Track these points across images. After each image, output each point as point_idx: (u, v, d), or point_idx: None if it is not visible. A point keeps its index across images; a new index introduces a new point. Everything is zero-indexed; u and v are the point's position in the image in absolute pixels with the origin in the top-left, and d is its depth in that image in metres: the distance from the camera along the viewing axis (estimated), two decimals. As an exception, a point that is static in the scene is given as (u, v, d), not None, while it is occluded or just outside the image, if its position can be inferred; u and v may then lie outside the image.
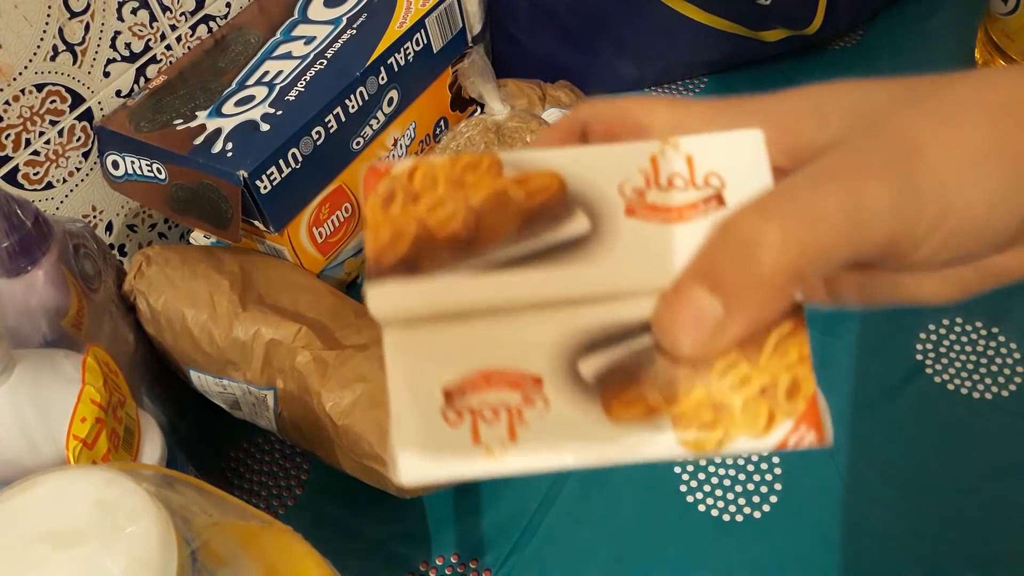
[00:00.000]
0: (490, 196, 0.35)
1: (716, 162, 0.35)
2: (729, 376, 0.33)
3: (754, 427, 0.33)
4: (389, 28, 0.88)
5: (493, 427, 0.33)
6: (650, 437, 0.33)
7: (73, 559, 0.38)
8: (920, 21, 1.07)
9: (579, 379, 0.33)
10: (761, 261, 0.31)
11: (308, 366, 0.72)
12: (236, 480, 0.85)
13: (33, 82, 0.82)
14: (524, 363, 0.34)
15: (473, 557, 0.75)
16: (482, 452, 0.32)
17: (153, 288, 0.77)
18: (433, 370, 0.33)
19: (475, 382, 0.33)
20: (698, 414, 0.33)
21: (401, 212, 0.34)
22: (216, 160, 0.78)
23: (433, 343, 0.34)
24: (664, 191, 0.34)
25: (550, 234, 0.34)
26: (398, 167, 0.35)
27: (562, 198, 0.35)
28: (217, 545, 0.43)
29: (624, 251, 0.34)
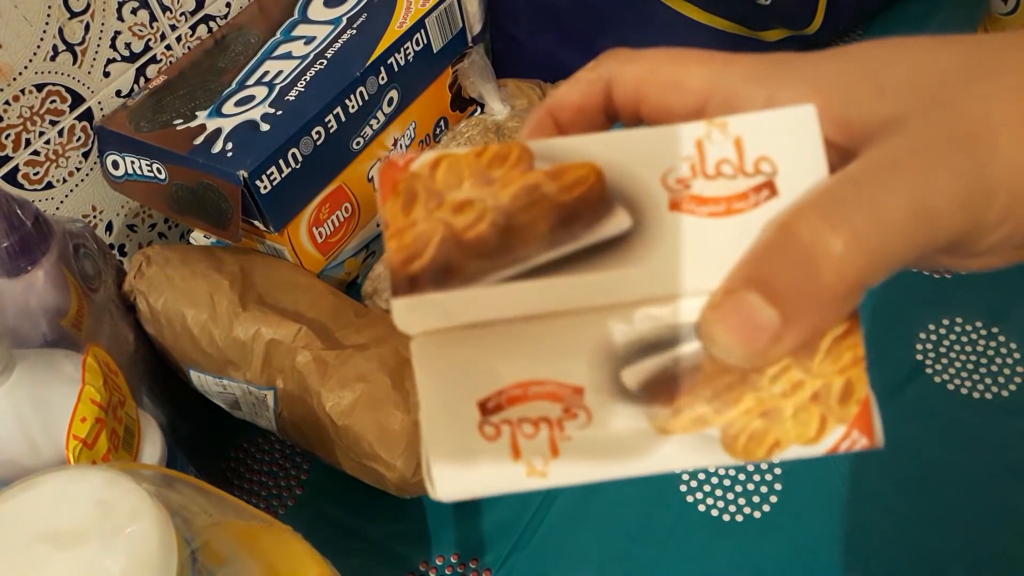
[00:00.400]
0: (521, 193, 0.32)
1: (767, 145, 0.32)
2: (780, 382, 0.31)
3: (805, 434, 0.31)
4: (389, 28, 0.88)
5: (533, 441, 0.31)
6: (699, 447, 0.31)
7: (73, 559, 0.38)
8: (920, 21, 1.07)
9: (623, 389, 0.32)
10: (824, 274, 0.29)
11: (308, 366, 0.72)
12: (236, 480, 0.85)
13: (33, 82, 0.82)
14: (564, 373, 0.32)
15: (473, 557, 0.75)
16: (524, 468, 0.31)
17: (153, 288, 0.77)
18: (467, 382, 0.32)
19: (512, 394, 0.32)
20: (748, 423, 0.31)
21: (424, 215, 0.31)
22: (216, 160, 0.78)
23: (465, 353, 0.32)
24: (711, 180, 0.32)
25: (588, 234, 0.32)
26: (418, 163, 0.31)
27: (600, 192, 0.32)
28: (217, 545, 0.43)
29: (669, 250, 0.32)
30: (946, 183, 0.29)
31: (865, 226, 0.28)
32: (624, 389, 0.32)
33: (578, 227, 0.31)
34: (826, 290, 0.29)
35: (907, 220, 0.29)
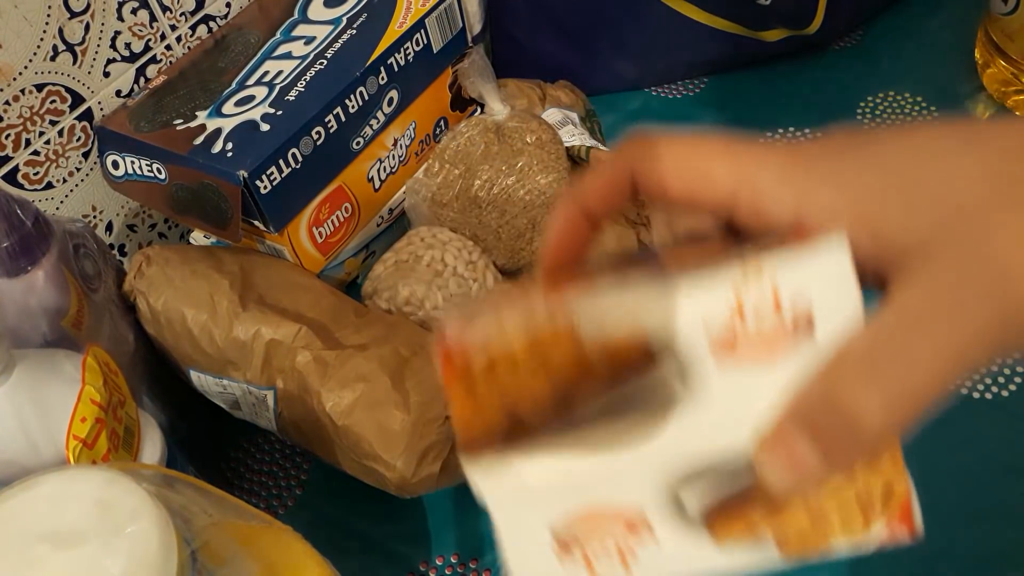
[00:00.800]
0: (574, 372, 0.34)
1: (802, 285, 0.33)
2: (823, 490, 0.34)
3: (851, 531, 0.34)
4: (389, 28, 0.88)
5: (606, 564, 0.34)
6: (754, 553, 0.34)
7: (73, 559, 0.38)
8: (920, 21, 1.07)
9: (682, 507, 0.34)
10: (863, 429, 0.31)
11: (308, 366, 0.72)
12: (236, 480, 0.85)
13: (33, 82, 0.82)
14: (627, 497, 0.34)
15: (473, 557, 0.75)
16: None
17: (153, 288, 0.77)
18: (539, 513, 0.34)
19: (582, 523, 0.34)
20: (797, 526, 0.34)
21: (486, 398, 0.34)
22: (216, 160, 0.78)
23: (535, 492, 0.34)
24: (751, 324, 0.33)
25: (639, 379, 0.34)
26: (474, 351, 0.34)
27: (647, 358, 0.34)
28: (217, 545, 0.43)
29: (715, 399, 0.33)
30: (979, 329, 0.31)
31: (900, 385, 0.31)
32: (683, 508, 0.34)
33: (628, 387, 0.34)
34: (864, 439, 0.31)
35: (942, 370, 0.31)
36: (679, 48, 1.06)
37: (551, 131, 0.83)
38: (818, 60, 1.07)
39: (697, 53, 1.07)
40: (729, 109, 1.05)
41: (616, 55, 1.06)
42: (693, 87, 1.09)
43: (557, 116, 0.93)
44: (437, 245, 0.81)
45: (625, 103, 1.09)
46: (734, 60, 1.08)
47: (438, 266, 0.80)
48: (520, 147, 0.81)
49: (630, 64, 1.07)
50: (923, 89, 1.00)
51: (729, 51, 1.06)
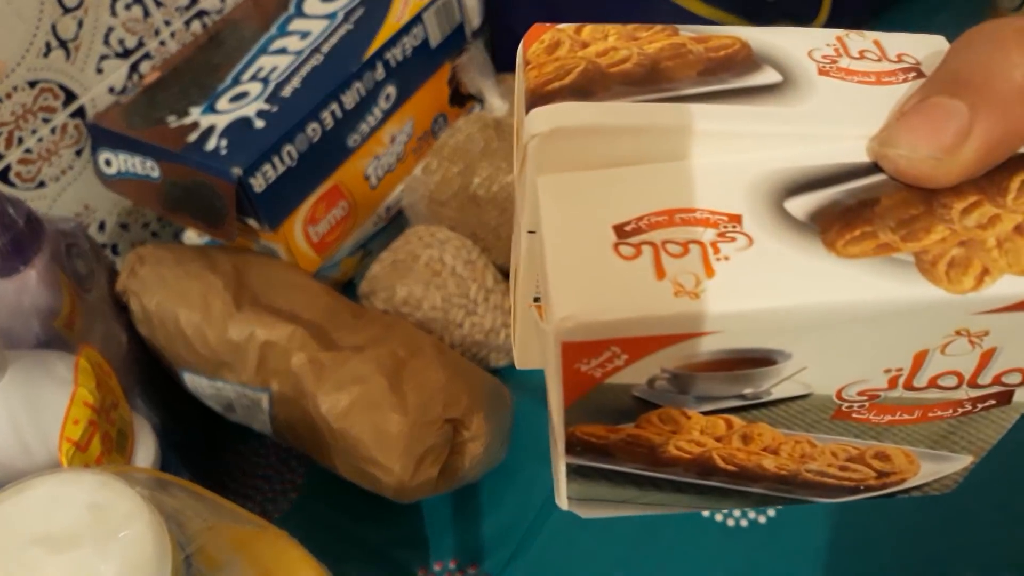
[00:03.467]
0: (667, 47, 0.30)
1: (905, 47, 0.31)
2: (973, 215, 0.28)
3: (1018, 264, 0.27)
4: (386, 23, 0.88)
5: (682, 260, 0.26)
6: (888, 272, 0.27)
7: (66, 563, 0.37)
8: (926, 17, 1.07)
9: (788, 216, 0.28)
10: (1009, 52, 0.27)
11: (303, 368, 0.71)
12: (231, 483, 0.84)
13: (26, 79, 0.81)
14: (717, 202, 0.28)
15: (472, 562, 0.75)
16: (670, 288, 0.26)
17: (146, 288, 0.76)
18: (601, 210, 0.28)
19: (655, 220, 0.27)
20: (946, 250, 0.27)
21: (568, 53, 0.30)
22: (210, 158, 0.77)
23: (600, 185, 0.28)
24: (857, 60, 0.31)
25: (737, 80, 0.30)
26: (563, 25, 0.31)
27: (747, 54, 0.31)
28: (212, 549, 0.43)
29: (823, 100, 0.30)
30: None
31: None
32: (790, 218, 0.28)
33: (727, 75, 0.30)
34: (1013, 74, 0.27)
35: None
36: (682, 44, 1.05)
37: (551, 128, 0.82)
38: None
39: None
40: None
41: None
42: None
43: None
44: (435, 244, 0.81)
45: (625, 100, 1.08)
46: (737, 57, 1.07)
47: (436, 265, 0.80)
48: (520, 144, 0.81)
49: (631, 59, 1.07)
50: (927, 86, 1.00)
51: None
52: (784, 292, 0.26)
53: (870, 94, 0.30)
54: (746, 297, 0.26)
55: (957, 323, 0.28)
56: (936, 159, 0.27)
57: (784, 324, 0.27)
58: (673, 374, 0.28)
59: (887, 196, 0.28)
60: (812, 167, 0.29)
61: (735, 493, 0.35)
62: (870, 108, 0.29)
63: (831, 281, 0.26)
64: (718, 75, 0.30)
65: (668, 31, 0.31)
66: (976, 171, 0.28)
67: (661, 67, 0.30)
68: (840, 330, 0.27)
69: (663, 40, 0.31)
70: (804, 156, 0.29)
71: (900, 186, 0.28)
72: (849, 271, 0.27)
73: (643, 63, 0.30)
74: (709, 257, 0.27)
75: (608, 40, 0.31)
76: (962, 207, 0.28)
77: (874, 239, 0.27)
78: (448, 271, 0.80)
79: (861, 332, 0.28)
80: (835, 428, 0.32)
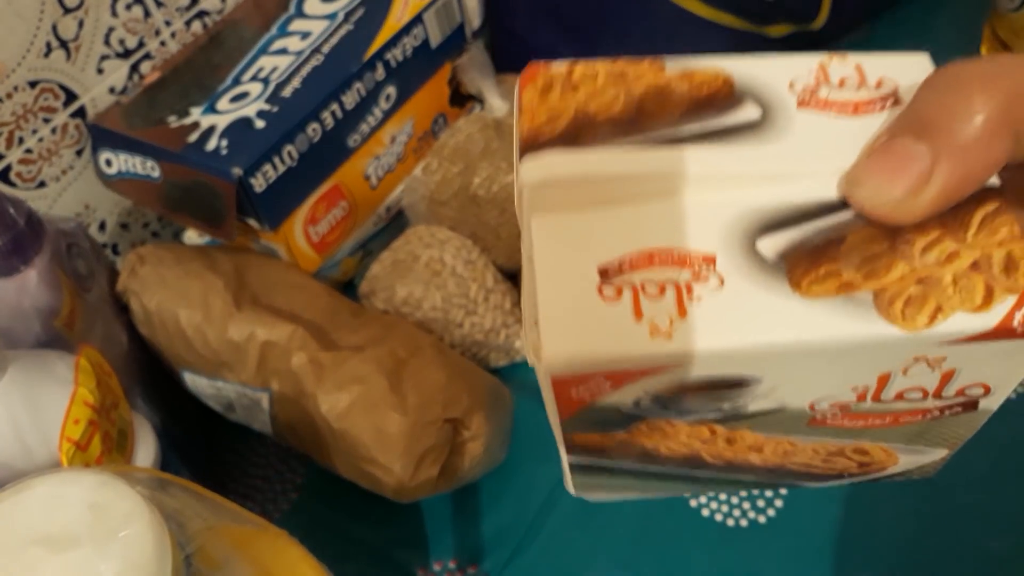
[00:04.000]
0: (651, 88, 0.33)
1: (887, 71, 0.33)
2: (933, 252, 0.29)
3: (969, 301, 0.29)
4: (386, 23, 0.88)
5: (658, 302, 0.29)
6: (848, 312, 0.29)
7: (66, 563, 0.37)
8: (926, 17, 1.07)
9: (758, 256, 0.30)
10: (970, 95, 0.29)
11: (304, 368, 0.71)
12: (231, 483, 0.84)
13: (26, 79, 0.81)
14: (693, 242, 0.30)
15: (472, 562, 0.75)
16: (646, 329, 0.29)
17: (146, 288, 0.76)
18: (588, 252, 0.30)
19: (636, 260, 0.30)
20: (903, 288, 0.29)
21: (559, 99, 0.33)
22: (210, 158, 0.77)
23: (588, 226, 0.31)
24: (837, 89, 0.32)
25: (717, 119, 0.32)
26: (557, 65, 0.33)
27: (729, 90, 0.33)
28: (212, 549, 0.43)
29: (799, 136, 0.32)
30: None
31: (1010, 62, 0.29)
32: (760, 257, 0.30)
33: (708, 114, 0.32)
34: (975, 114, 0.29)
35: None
36: (681, 43, 1.05)
37: (551, 128, 0.82)
38: (822, 56, 1.07)
39: (700, 48, 1.04)
40: (731, 106, 1.05)
41: (617, 50, 1.04)
42: (694, 85, 1.09)
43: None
44: (435, 244, 0.81)
45: (625, 100, 1.08)
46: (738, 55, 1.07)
47: (436, 265, 0.80)
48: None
49: (632, 59, 1.06)
50: (928, 86, 1.00)
51: (732, 46, 1.05)
52: (747, 332, 0.29)
53: (846, 127, 0.32)
54: (712, 337, 0.29)
55: (915, 352, 0.30)
56: (898, 201, 0.29)
57: (748, 359, 0.29)
58: (654, 396, 0.31)
59: (854, 232, 0.30)
60: (786, 205, 0.31)
61: (728, 480, 0.38)
62: (845, 143, 0.31)
63: (792, 321, 0.29)
64: (700, 115, 0.32)
65: (655, 67, 0.33)
66: (937, 211, 0.29)
67: (646, 110, 0.32)
68: (803, 362, 0.30)
69: (649, 79, 0.33)
70: (779, 194, 0.31)
71: (866, 223, 0.30)
72: (810, 311, 0.29)
73: (629, 107, 0.32)
74: (683, 299, 0.29)
75: (597, 81, 0.33)
76: (923, 244, 0.30)
77: (837, 278, 0.29)
78: (448, 271, 0.79)
79: (823, 363, 0.30)
80: (813, 431, 0.34)
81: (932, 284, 0.29)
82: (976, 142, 0.29)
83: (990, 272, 0.29)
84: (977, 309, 0.29)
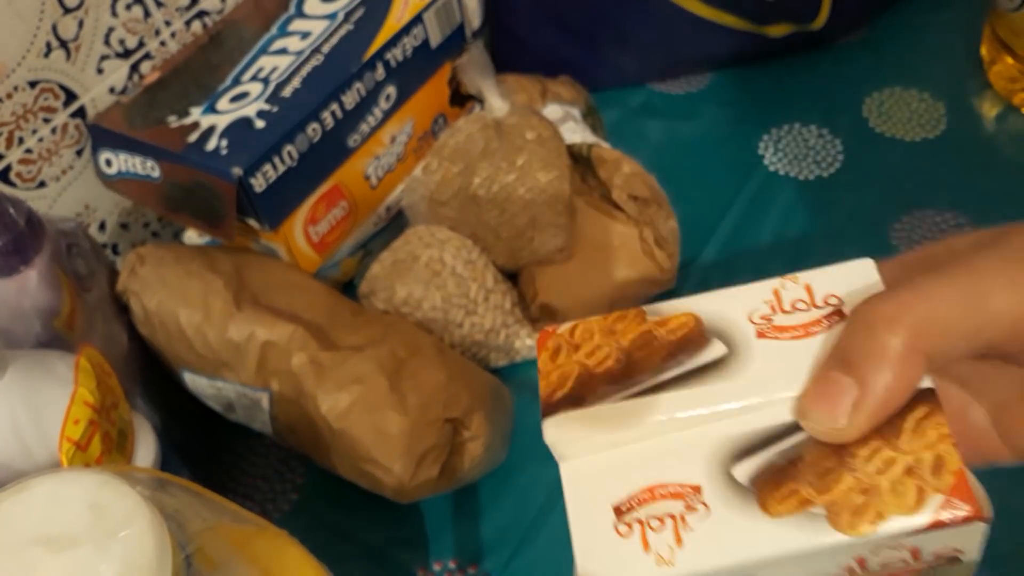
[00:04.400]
0: (637, 337, 0.40)
1: (833, 287, 0.39)
2: (874, 461, 0.35)
3: (904, 505, 0.34)
4: (386, 23, 0.88)
5: (661, 535, 0.36)
6: (806, 526, 0.34)
7: (67, 563, 0.37)
8: (926, 17, 1.07)
9: (735, 483, 0.36)
10: (879, 334, 0.34)
11: (304, 368, 0.71)
12: (231, 484, 0.84)
13: (26, 79, 0.81)
14: (683, 475, 0.37)
15: (472, 563, 0.75)
16: (653, 559, 0.36)
17: (146, 288, 0.76)
18: (604, 492, 0.38)
19: (641, 496, 0.37)
20: (849, 499, 0.34)
21: (566, 359, 0.41)
22: (210, 158, 0.77)
23: (602, 467, 0.39)
24: (789, 314, 0.39)
25: (692, 360, 0.39)
26: (562, 328, 0.42)
27: (699, 331, 0.40)
28: (212, 549, 0.43)
29: (760, 367, 0.38)
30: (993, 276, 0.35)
31: (914, 297, 0.35)
32: (736, 483, 0.36)
33: (684, 356, 0.39)
34: (887, 351, 0.34)
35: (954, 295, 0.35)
36: (682, 43, 1.05)
37: (551, 128, 0.82)
38: (823, 56, 1.06)
39: (701, 48, 1.06)
40: (733, 105, 1.05)
41: (618, 50, 1.05)
42: (697, 83, 1.08)
43: (558, 112, 0.92)
44: (435, 244, 0.81)
45: (627, 99, 1.08)
46: (738, 55, 1.07)
47: (436, 265, 0.79)
48: (520, 144, 0.80)
49: (632, 59, 1.06)
50: (929, 85, 1.00)
51: (733, 46, 1.05)
52: (729, 553, 0.35)
53: (799, 351, 0.38)
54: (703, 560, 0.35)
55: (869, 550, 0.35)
56: (837, 427, 0.35)
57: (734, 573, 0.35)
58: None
59: (808, 452, 0.36)
60: (753, 432, 0.37)
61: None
62: (799, 367, 0.38)
63: (763, 540, 0.35)
64: (678, 358, 0.39)
65: (638, 318, 0.41)
66: (872, 428, 0.35)
67: (634, 359, 0.40)
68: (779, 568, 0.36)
69: (635, 330, 0.41)
70: (747, 423, 0.37)
71: (818, 442, 0.36)
72: (777, 529, 0.35)
73: (620, 359, 0.40)
74: (679, 529, 0.36)
75: (594, 339, 0.41)
76: (866, 455, 0.35)
77: (797, 495, 0.35)
78: (448, 271, 0.79)
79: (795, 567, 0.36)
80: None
81: (873, 493, 0.34)
82: (891, 371, 0.34)
83: (921, 476, 0.34)
84: (911, 511, 0.34)
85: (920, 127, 0.96)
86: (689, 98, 1.07)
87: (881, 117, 0.98)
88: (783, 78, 1.05)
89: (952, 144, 0.94)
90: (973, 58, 1.00)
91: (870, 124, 0.97)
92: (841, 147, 0.96)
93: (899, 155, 0.94)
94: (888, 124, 0.97)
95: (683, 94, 1.08)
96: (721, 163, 0.98)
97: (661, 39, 1.04)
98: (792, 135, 0.99)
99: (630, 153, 0.84)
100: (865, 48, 1.07)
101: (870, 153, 0.95)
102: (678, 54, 1.07)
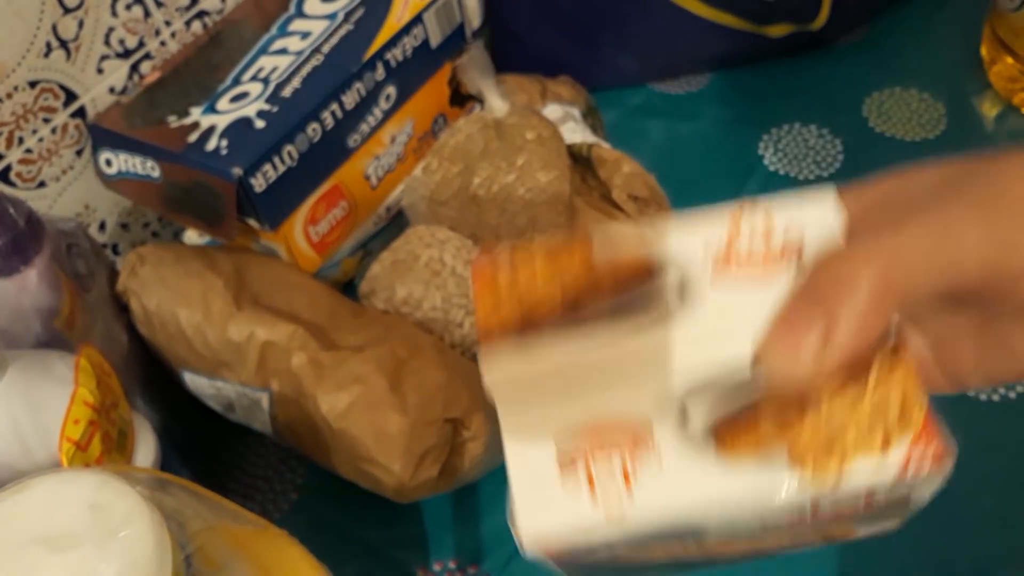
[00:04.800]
0: (583, 280, 0.37)
1: (794, 221, 0.38)
2: (837, 402, 0.33)
3: (870, 447, 0.33)
4: (386, 23, 0.88)
5: (609, 483, 0.34)
6: (765, 474, 0.33)
7: (67, 563, 0.37)
8: (926, 17, 1.07)
9: (687, 420, 0.35)
10: (852, 269, 0.33)
11: (304, 368, 0.71)
12: (231, 483, 0.84)
13: (26, 79, 0.81)
14: (633, 409, 0.35)
15: (472, 562, 0.75)
16: (602, 512, 0.34)
17: (146, 288, 0.76)
18: (544, 423, 0.36)
19: (587, 434, 0.35)
20: (812, 442, 0.33)
21: (507, 295, 0.37)
22: (210, 158, 0.77)
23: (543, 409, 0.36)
24: (745, 247, 0.37)
25: (642, 290, 0.36)
26: (502, 264, 0.38)
27: (650, 272, 0.37)
28: (211, 549, 0.43)
29: (715, 306, 0.36)
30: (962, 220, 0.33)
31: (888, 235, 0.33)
32: (689, 420, 0.34)
33: (633, 286, 0.37)
34: (859, 283, 0.33)
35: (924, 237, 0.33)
36: (682, 43, 1.05)
37: (552, 128, 0.82)
38: (823, 56, 1.07)
39: (700, 48, 1.06)
40: (733, 105, 1.05)
41: (618, 50, 1.06)
42: (697, 83, 1.09)
43: (558, 112, 0.92)
44: (435, 244, 0.81)
45: (627, 99, 1.08)
46: (738, 55, 1.07)
47: (436, 265, 0.79)
48: (520, 144, 0.80)
49: (632, 59, 1.07)
50: (929, 85, 1.00)
51: (733, 46, 1.05)
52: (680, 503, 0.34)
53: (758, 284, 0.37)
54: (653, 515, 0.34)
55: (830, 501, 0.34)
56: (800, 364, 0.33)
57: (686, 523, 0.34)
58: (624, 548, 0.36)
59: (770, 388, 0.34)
60: (709, 369, 0.35)
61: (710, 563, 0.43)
62: (758, 300, 0.35)
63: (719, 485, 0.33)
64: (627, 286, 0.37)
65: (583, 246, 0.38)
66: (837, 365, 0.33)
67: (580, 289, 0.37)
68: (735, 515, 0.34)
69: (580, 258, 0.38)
70: (702, 358, 0.35)
71: None
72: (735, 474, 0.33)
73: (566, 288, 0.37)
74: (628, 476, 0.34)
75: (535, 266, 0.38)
76: (829, 394, 0.33)
77: (754, 433, 0.33)
78: (448, 271, 0.79)
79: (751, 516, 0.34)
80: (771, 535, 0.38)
81: (837, 434, 0.33)
82: (863, 305, 0.33)
83: (887, 419, 0.33)
84: (875, 453, 0.33)
85: (920, 127, 0.96)
86: (689, 98, 1.08)
87: (881, 117, 0.98)
88: (783, 78, 1.05)
89: (952, 144, 0.94)
90: (973, 58, 1.00)
91: (870, 124, 0.97)
92: (841, 147, 0.96)
93: (899, 155, 0.94)
94: (888, 124, 0.97)
95: (683, 94, 1.08)
96: (721, 163, 0.98)
97: (661, 39, 1.04)
98: (792, 135, 0.99)
99: (630, 153, 0.85)
100: (865, 48, 1.07)
101: (870, 153, 0.95)
102: (678, 54, 1.07)
